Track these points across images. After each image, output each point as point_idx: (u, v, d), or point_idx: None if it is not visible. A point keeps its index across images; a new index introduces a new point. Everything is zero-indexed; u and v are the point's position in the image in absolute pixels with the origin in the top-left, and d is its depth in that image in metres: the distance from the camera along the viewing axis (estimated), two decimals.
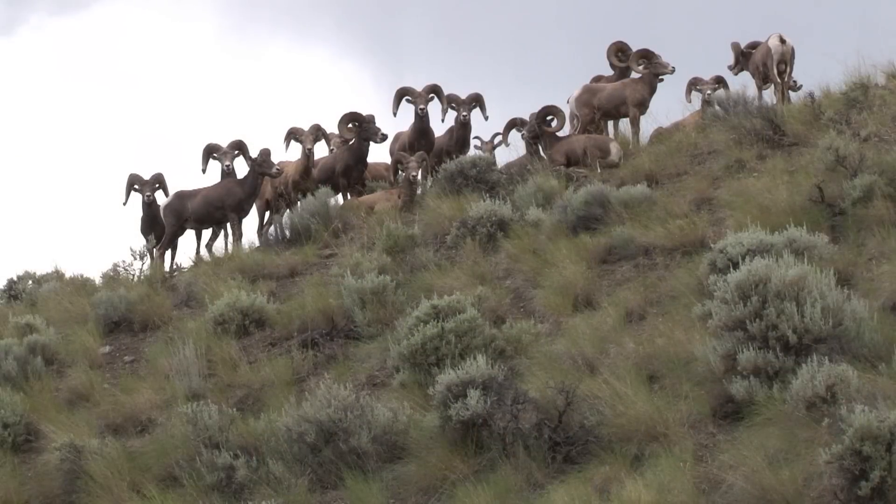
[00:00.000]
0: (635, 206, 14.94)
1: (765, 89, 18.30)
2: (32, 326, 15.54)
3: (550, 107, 18.29)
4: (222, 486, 11.88)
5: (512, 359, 12.52)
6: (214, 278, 16.37)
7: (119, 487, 12.29)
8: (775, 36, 18.16)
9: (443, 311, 12.78)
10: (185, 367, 13.87)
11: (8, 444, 13.57)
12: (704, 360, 11.13)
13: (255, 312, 14.99)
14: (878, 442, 9.28)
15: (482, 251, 15.27)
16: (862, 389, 10.09)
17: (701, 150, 16.60)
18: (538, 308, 13.68)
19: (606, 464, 10.59)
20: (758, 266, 11.08)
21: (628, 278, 13.74)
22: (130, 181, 18.47)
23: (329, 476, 11.70)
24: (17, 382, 14.53)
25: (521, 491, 10.70)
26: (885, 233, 12.66)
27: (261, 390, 13.54)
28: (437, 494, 11.10)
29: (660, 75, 18.50)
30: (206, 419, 12.34)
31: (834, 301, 10.87)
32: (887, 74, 16.75)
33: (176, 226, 18.12)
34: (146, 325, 15.82)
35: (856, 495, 9.29)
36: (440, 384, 11.46)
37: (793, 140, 15.68)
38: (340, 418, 11.78)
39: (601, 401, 11.13)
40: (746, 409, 10.58)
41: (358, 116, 18.66)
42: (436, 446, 11.41)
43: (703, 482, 10.06)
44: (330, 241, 16.96)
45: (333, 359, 13.80)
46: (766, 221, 12.86)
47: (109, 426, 13.56)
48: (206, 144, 18.35)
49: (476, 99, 19.10)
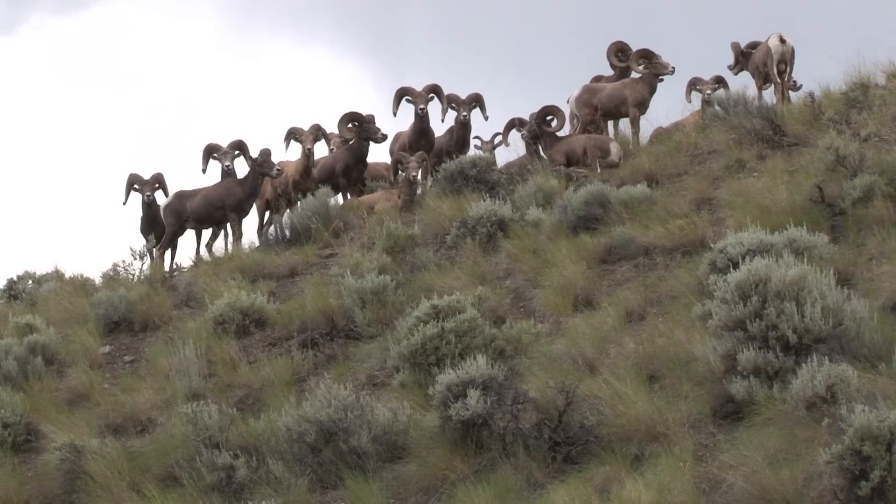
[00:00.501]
0: (635, 206, 14.94)
1: (765, 89, 18.30)
2: (32, 326, 15.53)
3: (550, 107, 18.29)
4: (222, 485, 11.88)
5: (512, 359, 12.52)
6: (214, 278, 16.37)
7: (119, 487, 12.29)
8: (775, 36, 18.15)
9: (443, 311, 12.78)
10: (185, 367, 13.87)
11: (8, 444, 13.56)
12: (704, 360, 11.13)
13: (255, 312, 14.99)
14: (878, 442, 9.28)
15: (482, 251, 15.27)
16: (862, 389, 10.09)
17: (701, 150, 16.61)
18: (538, 308, 13.68)
19: (606, 464, 10.58)
20: (758, 266, 11.08)
21: (628, 278, 13.75)
22: (130, 181, 18.46)
23: (329, 476, 11.70)
24: (17, 382, 14.53)
25: (521, 491, 10.70)
26: (885, 233, 12.66)
27: (261, 390, 13.54)
28: (437, 494, 11.11)
29: (660, 75, 18.50)
30: (206, 419, 12.34)
31: (834, 301, 10.87)
32: (887, 74, 16.76)
33: (176, 226, 18.12)
34: (146, 325, 15.82)
35: (856, 495, 9.29)
36: (440, 384, 11.47)
37: (793, 140, 15.68)
38: (340, 418, 11.78)
39: (601, 401, 11.13)
40: (746, 409, 10.58)
41: (358, 116, 18.66)
42: (436, 446, 11.41)
43: (703, 482, 10.06)
44: (330, 241, 16.96)
45: (333, 359, 13.80)
46: (766, 221, 12.86)
47: (109, 426, 13.56)
48: (206, 144, 18.36)
49: (476, 99, 19.11)
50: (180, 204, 18.08)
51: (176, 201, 18.12)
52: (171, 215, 18.08)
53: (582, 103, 18.62)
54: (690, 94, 18.93)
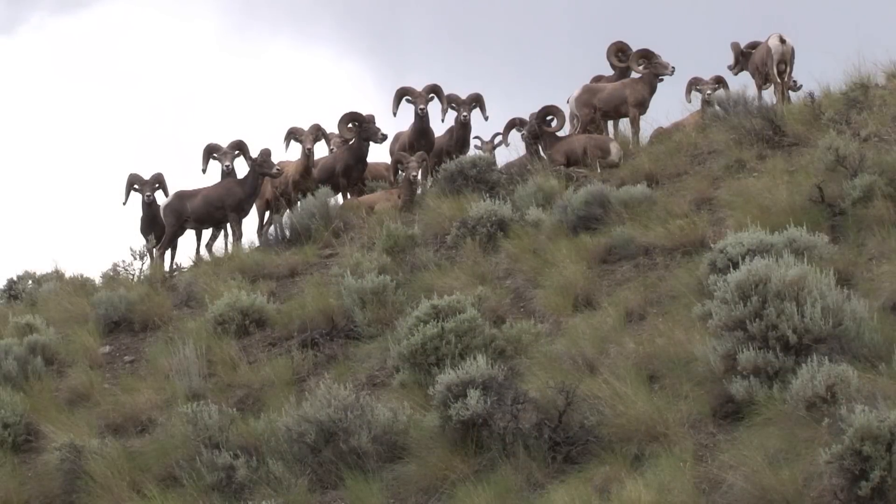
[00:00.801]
0: (635, 206, 14.94)
1: (765, 89, 18.30)
2: (32, 326, 15.53)
3: (550, 107, 18.30)
4: (222, 486, 11.88)
5: (512, 359, 12.52)
6: (214, 278, 16.37)
7: (119, 487, 12.29)
8: (775, 36, 18.15)
9: (443, 311, 12.78)
10: (186, 367, 13.87)
11: (8, 444, 13.56)
12: (704, 360, 11.13)
13: (255, 312, 14.99)
14: (878, 442, 9.28)
15: (482, 251, 15.27)
16: (862, 389, 10.10)
17: (701, 150, 16.61)
18: (538, 308, 13.68)
19: (606, 464, 10.58)
20: (758, 266, 11.08)
21: (628, 278, 13.75)
22: (130, 181, 18.46)
23: (329, 476, 11.70)
24: (17, 382, 14.53)
25: (521, 491, 10.70)
26: (885, 233, 12.67)
27: (261, 390, 13.54)
28: (437, 494, 11.10)
29: (660, 75, 18.50)
30: (207, 419, 12.34)
31: (834, 301, 10.87)
32: (887, 74, 16.76)
33: (176, 226, 18.12)
34: (146, 325, 15.82)
35: (856, 495, 9.29)
36: (440, 384, 11.46)
37: (793, 140, 15.68)
38: (340, 418, 11.78)
39: (601, 401, 11.13)
40: (746, 409, 10.58)
41: (358, 116, 18.67)
42: (436, 446, 11.41)
43: (704, 482, 10.06)
44: (330, 241, 16.96)
45: (333, 359, 13.80)
46: (766, 221, 12.86)
47: (109, 426, 13.56)
48: (206, 144, 18.36)
49: (476, 99, 19.11)
50: (180, 204, 18.08)
51: (176, 201, 18.12)
52: (171, 215, 18.08)
53: (582, 103, 18.62)
54: (690, 95, 18.94)
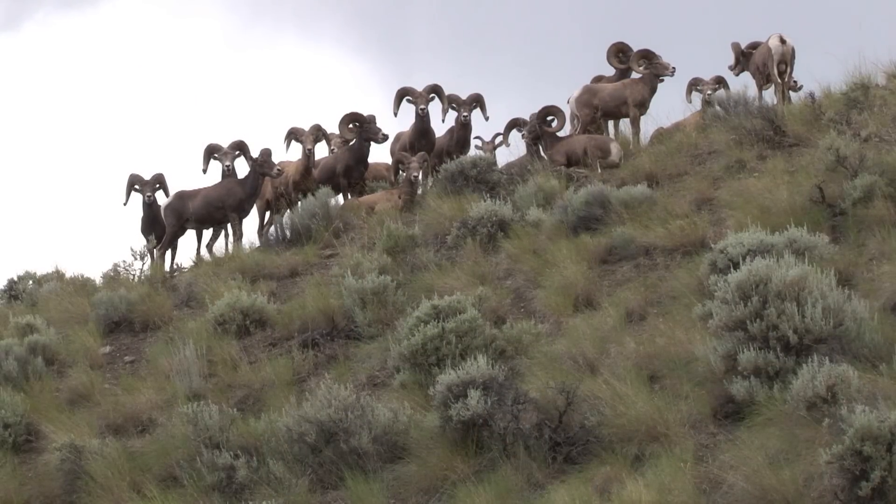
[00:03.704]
0: (636, 207, 14.94)
1: (765, 89, 18.31)
2: (33, 326, 15.53)
3: (551, 107, 18.30)
4: (223, 486, 11.88)
5: (512, 359, 12.52)
6: (215, 278, 16.37)
7: (119, 487, 12.29)
8: (775, 36, 18.16)
9: (443, 311, 12.78)
10: (186, 367, 13.87)
11: (8, 444, 13.56)
12: (705, 360, 11.13)
13: (255, 312, 14.99)
14: (879, 442, 9.29)
15: (483, 251, 15.27)
16: (862, 389, 10.10)
17: (701, 150, 16.61)
18: (539, 308, 13.68)
19: (607, 464, 10.59)
20: (758, 266, 11.08)
21: (629, 278, 13.75)
22: (131, 181, 18.45)
23: (329, 476, 11.70)
24: (18, 382, 14.53)
25: (521, 491, 10.71)
26: (885, 233, 12.67)
27: (261, 390, 13.54)
28: (437, 494, 11.11)
29: (660, 76, 18.51)
30: (207, 419, 12.34)
31: (834, 301, 10.87)
32: (888, 74, 16.76)
33: (176, 226, 18.12)
34: (147, 325, 15.82)
35: (856, 495, 9.30)
36: (440, 384, 11.47)
37: (793, 140, 15.69)
38: (341, 418, 11.78)
39: (602, 401, 11.14)
40: (747, 409, 10.58)
41: (359, 117, 18.67)
42: (436, 446, 11.41)
43: (704, 482, 10.06)
44: (330, 242, 16.96)
45: (334, 359, 13.81)
46: (766, 222, 12.86)
47: (110, 426, 13.56)
48: (207, 144, 18.36)
49: (476, 99, 19.11)
50: (181, 204, 18.08)
51: (176, 201, 18.12)
52: (171, 215, 18.08)
53: (582, 104, 18.62)
54: (691, 95, 18.95)
